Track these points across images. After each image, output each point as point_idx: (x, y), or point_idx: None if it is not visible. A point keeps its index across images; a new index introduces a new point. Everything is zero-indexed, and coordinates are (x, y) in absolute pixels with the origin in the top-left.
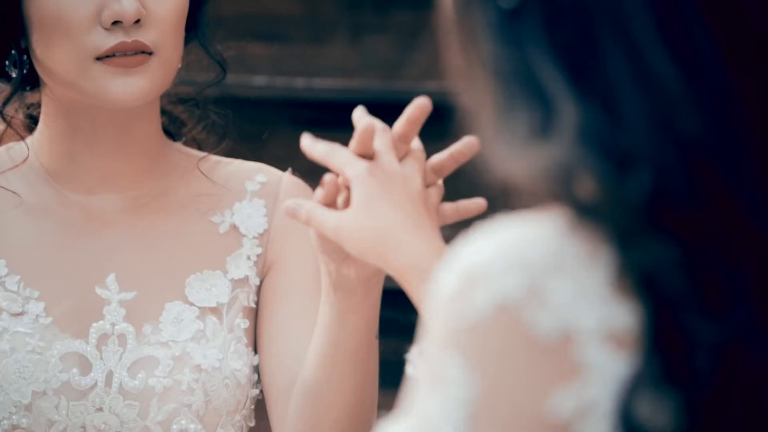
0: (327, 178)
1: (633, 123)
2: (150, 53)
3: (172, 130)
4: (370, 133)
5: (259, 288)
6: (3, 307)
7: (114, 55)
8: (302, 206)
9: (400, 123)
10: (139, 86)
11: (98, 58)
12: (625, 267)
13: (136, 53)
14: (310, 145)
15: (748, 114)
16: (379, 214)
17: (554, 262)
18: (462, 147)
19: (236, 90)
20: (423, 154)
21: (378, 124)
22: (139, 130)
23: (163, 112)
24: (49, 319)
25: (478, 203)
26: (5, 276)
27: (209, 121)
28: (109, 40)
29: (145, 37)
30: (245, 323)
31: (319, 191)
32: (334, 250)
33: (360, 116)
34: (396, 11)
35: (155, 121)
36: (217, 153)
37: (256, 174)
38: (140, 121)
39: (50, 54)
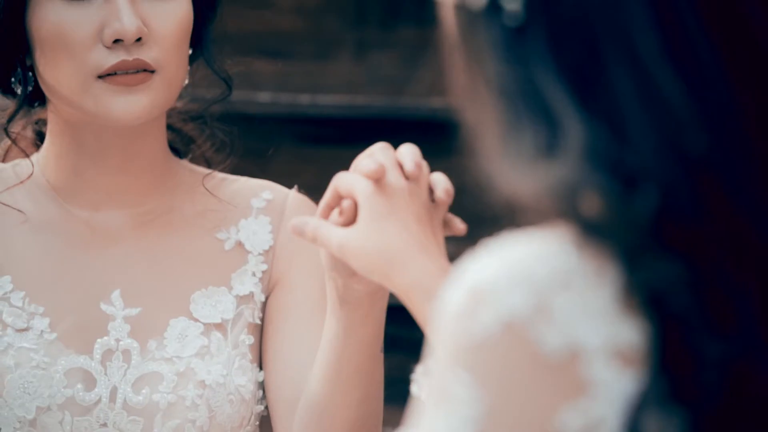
0: (345, 204)
1: (639, 141)
2: (152, 71)
3: (181, 147)
4: (381, 173)
5: (264, 305)
6: (8, 322)
7: (116, 74)
8: (308, 224)
9: (404, 162)
10: (141, 104)
11: (100, 77)
12: (632, 284)
13: (137, 71)
14: (322, 205)
15: (754, 131)
16: (385, 233)
17: (561, 280)
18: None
19: (241, 106)
20: (427, 170)
21: (382, 143)
22: (144, 146)
23: (174, 129)
24: (54, 335)
25: (459, 227)
26: (10, 292)
27: (218, 139)
28: (110, 59)
29: (147, 55)
30: (250, 339)
31: (335, 215)
32: (343, 266)
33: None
34: (401, 28)
35: (161, 138)
36: (222, 169)
37: (262, 191)
38: (146, 137)
39: (53, 72)
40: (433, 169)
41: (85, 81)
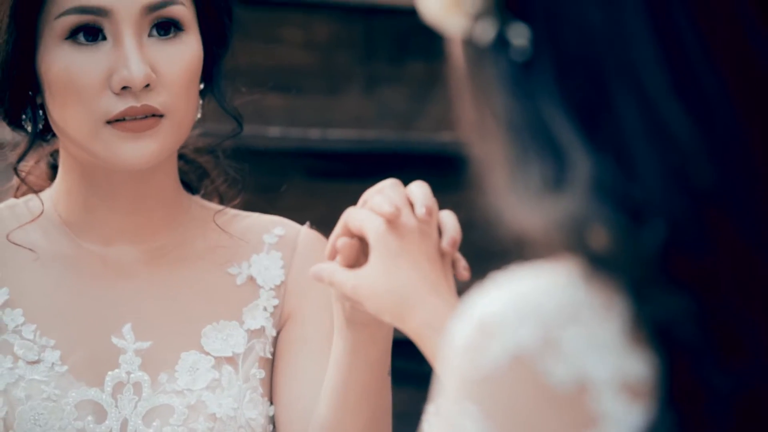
0: (340, 243)
1: (646, 175)
2: (161, 116)
3: (195, 180)
4: (397, 215)
5: (275, 339)
6: (19, 355)
7: (124, 119)
8: (324, 270)
9: (415, 204)
10: (150, 149)
11: (108, 122)
12: (640, 317)
13: (146, 117)
14: (331, 240)
15: (760, 164)
16: (398, 274)
17: (568, 313)
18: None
19: (251, 141)
20: (436, 206)
21: (392, 179)
22: (155, 184)
23: (188, 160)
24: (65, 368)
25: (462, 273)
26: (22, 325)
27: (230, 176)
28: (118, 105)
29: (155, 100)
30: (261, 373)
31: (339, 258)
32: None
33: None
34: (410, 63)
35: (172, 175)
36: (233, 204)
37: (274, 227)
38: (156, 175)
39: (62, 114)
40: (442, 204)
41: (94, 127)
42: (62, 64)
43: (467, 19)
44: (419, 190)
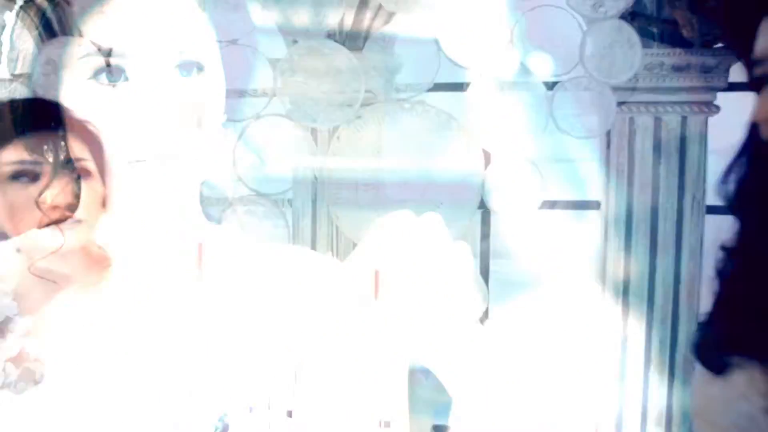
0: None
1: (666, 203)
2: None
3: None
4: (408, 250)
5: None
6: (41, 382)
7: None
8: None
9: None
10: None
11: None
12: (665, 345)
13: None
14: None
15: None
16: (412, 307)
17: (592, 341)
18: None
19: (273, 170)
20: (449, 240)
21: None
22: None
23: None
24: None
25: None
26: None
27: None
28: (138, 147)
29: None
30: None
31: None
32: None
33: None
34: (432, 91)
35: None
36: None
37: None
38: None
39: (83, 151)
40: (461, 232)
41: (114, 165)
42: (84, 104)
43: (490, 49)
44: (430, 223)
